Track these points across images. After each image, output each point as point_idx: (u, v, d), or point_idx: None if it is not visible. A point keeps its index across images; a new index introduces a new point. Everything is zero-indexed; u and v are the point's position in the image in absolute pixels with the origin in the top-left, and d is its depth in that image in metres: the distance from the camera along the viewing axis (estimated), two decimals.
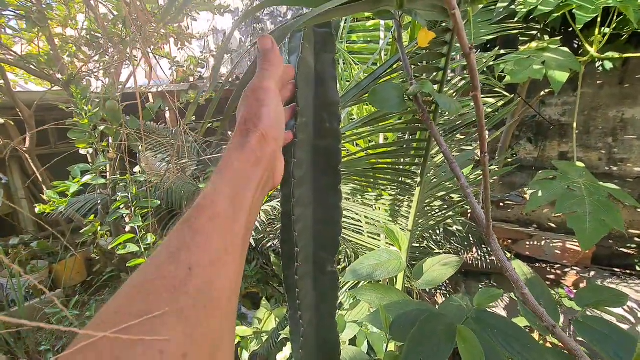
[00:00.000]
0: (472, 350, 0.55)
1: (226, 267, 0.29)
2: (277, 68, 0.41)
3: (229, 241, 0.30)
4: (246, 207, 0.33)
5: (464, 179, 0.40)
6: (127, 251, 1.29)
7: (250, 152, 0.35)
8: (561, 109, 2.13)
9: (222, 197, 0.31)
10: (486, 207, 0.35)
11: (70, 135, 1.68)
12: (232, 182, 0.33)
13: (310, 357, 0.64)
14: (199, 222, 0.29)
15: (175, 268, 0.26)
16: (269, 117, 0.37)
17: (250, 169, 0.35)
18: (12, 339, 1.94)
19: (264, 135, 0.37)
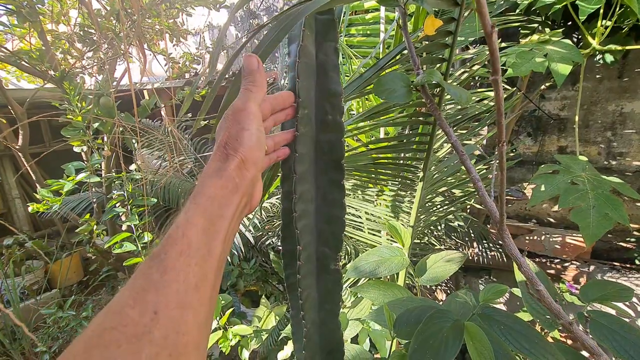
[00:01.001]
0: (481, 348, 0.54)
1: (195, 308, 0.28)
2: (261, 89, 0.40)
3: (200, 277, 0.28)
4: (220, 238, 0.32)
5: (474, 172, 0.39)
6: (124, 250, 1.27)
7: (228, 178, 0.34)
8: (560, 104, 2.12)
9: (195, 229, 0.30)
10: (500, 201, 0.33)
11: (64, 132, 1.64)
12: (207, 211, 0.32)
13: (313, 357, 0.62)
14: (169, 258, 0.28)
15: (139, 314, 0.24)
16: (249, 141, 0.36)
17: (227, 196, 0.33)
18: (8, 340, 1.91)
19: (244, 160, 0.35)
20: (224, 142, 0.36)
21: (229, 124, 0.37)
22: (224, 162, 0.35)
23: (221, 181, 0.33)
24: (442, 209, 1.13)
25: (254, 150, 0.37)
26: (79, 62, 2.32)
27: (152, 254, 0.28)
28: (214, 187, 0.33)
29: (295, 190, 0.50)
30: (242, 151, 0.35)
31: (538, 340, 0.63)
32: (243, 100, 0.38)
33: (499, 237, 0.37)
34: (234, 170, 0.34)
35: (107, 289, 2.65)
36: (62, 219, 2.64)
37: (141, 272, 0.27)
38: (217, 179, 0.34)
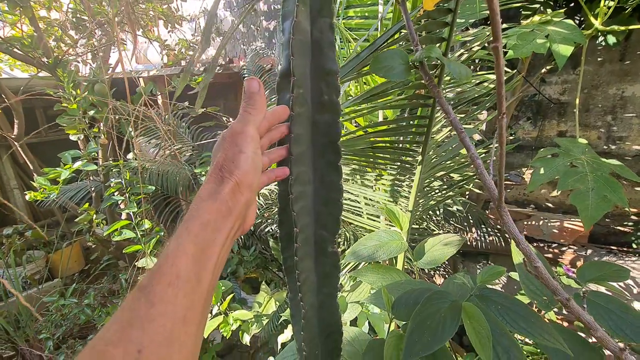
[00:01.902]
0: (478, 327, 0.54)
1: (182, 341, 0.27)
2: (260, 112, 0.41)
3: (188, 308, 0.28)
4: (211, 266, 0.32)
5: (473, 149, 0.38)
6: (123, 238, 1.27)
7: (222, 202, 0.34)
8: (561, 88, 2.10)
9: (185, 258, 0.29)
10: (500, 177, 0.32)
11: (59, 120, 1.63)
12: (199, 237, 0.31)
13: (312, 339, 0.63)
14: (157, 290, 0.27)
15: (123, 352, 0.24)
16: (245, 164, 0.36)
17: (220, 220, 0.33)
18: (12, 328, 1.94)
19: (239, 183, 0.35)
20: (220, 165, 0.36)
21: (227, 145, 0.37)
22: (218, 185, 0.35)
23: (215, 205, 0.33)
24: (440, 194, 1.13)
25: (249, 174, 0.37)
26: (73, 49, 2.28)
27: (140, 285, 0.27)
28: (207, 211, 0.33)
29: (291, 171, 0.49)
30: (237, 174, 0.35)
31: (535, 320, 0.64)
32: (242, 123, 0.39)
33: (498, 215, 0.37)
34: (228, 193, 0.34)
35: (108, 277, 2.67)
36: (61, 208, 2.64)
37: (128, 304, 0.26)
38: (211, 203, 0.33)
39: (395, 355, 0.61)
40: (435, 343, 0.55)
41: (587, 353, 0.71)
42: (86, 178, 2.10)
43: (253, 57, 2.95)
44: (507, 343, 0.59)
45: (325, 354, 0.66)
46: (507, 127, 1.44)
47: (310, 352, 0.63)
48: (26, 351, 1.88)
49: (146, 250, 1.32)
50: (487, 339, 0.54)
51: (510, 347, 0.59)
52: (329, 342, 0.65)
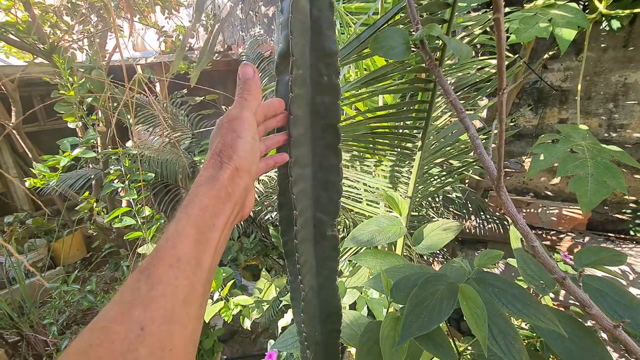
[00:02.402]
0: (474, 308, 0.55)
1: (183, 323, 0.27)
2: (255, 98, 0.41)
3: (188, 290, 0.28)
4: (211, 248, 0.32)
5: (473, 129, 0.38)
6: (124, 224, 1.27)
7: (221, 187, 0.34)
8: (563, 75, 2.08)
9: (186, 240, 0.30)
10: (499, 156, 0.32)
11: (57, 108, 1.61)
12: (198, 221, 0.31)
13: (311, 321, 0.64)
14: (157, 272, 0.27)
15: (126, 329, 0.24)
16: (243, 149, 0.36)
17: (219, 205, 0.33)
18: (16, 314, 1.96)
19: (237, 168, 0.35)
20: (218, 150, 0.36)
21: (224, 131, 0.37)
22: (217, 171, 0.35)
23: (214, 190, 0.33)
24: (439, 180, 1.13)
25: (247, 159, 0.37)
26: (69, 35, 2.25)
27: (141, 267, 0.28)
28: (207, 196, 0.33)
29: (290, 153, 0.49)
30: (236, 159, 0.35)
31: (531, 303, 0.65)
32: (238, 109, 0.39)
33: (497, 196, 0.37)
34: (227, 179, 0.34)
35: (110, 265, 2.70)
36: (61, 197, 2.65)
37: (129, 285, 0.26)
38: (210, 188, 0.33)
39: (392, 335, 0.62)
40: (432, 323, 0.56)
41: (582, 335, 0.72)
42: (85, 166, 2.10)
43: (252, 44, 2.90)
44: (503, 324, 0.61)
45: (324, 335, 0.67)
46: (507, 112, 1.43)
47: (309, 333, 0.64)
48: (31, 336, 1.92)
49: (147, 237, 1.33)
50: (483, 319, 0.55)
51: (506, 328, 0.60)
52: (328, 323, 0.66)
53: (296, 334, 0.83)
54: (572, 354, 0.71)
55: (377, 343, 0.67)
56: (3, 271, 2.35)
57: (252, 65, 0.42)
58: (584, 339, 0.73)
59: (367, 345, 0.67)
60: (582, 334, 0.73)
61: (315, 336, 0.66)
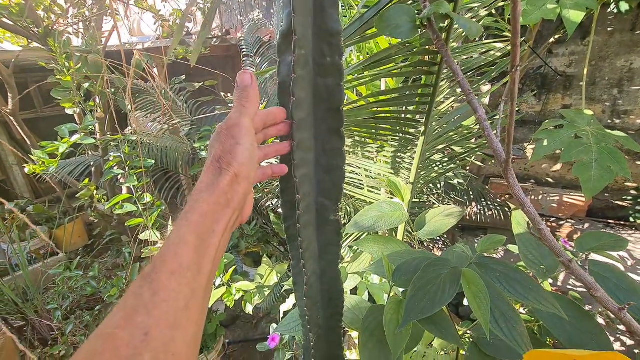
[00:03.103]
0: (477, 292, 0.55)
1: (185, 327, 0.29)
2: (254, 105, 0.41)
3: (190, 296, 0.29)
4: (211, 254, 0.33)
5: (482, 111, 0.37)
6: (125, 211, 1.27)
7: (221, 193, 0.35)
8: (568, 60, 2.04)
9: (187, 247, 0.31)
10: (508, 138, 0.32)
11: (54, 94, 1.59)
12: (199, 228, 0.33)
13: (314, 305, 0.64)
14: (160, 279, 0.28)
15: (130, 335, 0.25)
16: (242, 156, 0.37)
17: (219, 211, 0.35)
18: (20, 300, 1.99)
19: (236, 174, 0.36)
20: (217, 157, 0.37)
21: (223, 138, 0.38)
22: (217, 177, 0.35)
23: (213, 197, 0.34)
24: (442, 166, 1.12)
25: (246, 165, 0.38)
26: (63, 19, 2.19)
27: (144, 273, 0.29)
28: (206, 203, 0.34)
29: (293, 137, 0.48)
30: (235, 166, 0.36)
31: (533, 287, 0.65)
32: (237, 115, 0.40)
33: (504, 174, 0.36)
34: (227, 185, 0.35)
35: (112, 252, 2.71)
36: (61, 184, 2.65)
37: (133, 291, 0.28)
38: (210, 195, 0.34)
39: (395, 319, 0.62)
40: (435, 306, 0.56)
41: (582, 319, 0.73)
42: (85, 153, 2.09)
43: (250, 28, 2.85)
44: (505, 307, 0.61)
45: (326, 319, 0.67)
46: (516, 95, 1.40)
47: (312, 317, 0.65)
48: (36, 321, 1.95)
49: (148, 224, 1.33)
50: (485, 303, 0.55)
51: (507, 311, 0.60)
52: (331, 307, 0.66)
53: (299, 317, 0.84)
54: (572, 337, 0.72)
55: (379, 326, 0.68)
56: (6, 258, 2.37)
57: (250, 72, 0.42)
58: (583, 323, 0.74)
59: (369, 329, 0.67)
60: (582, 318, 0.74)
61: (318, 320, 0.66)
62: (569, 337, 0.72)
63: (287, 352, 1.03)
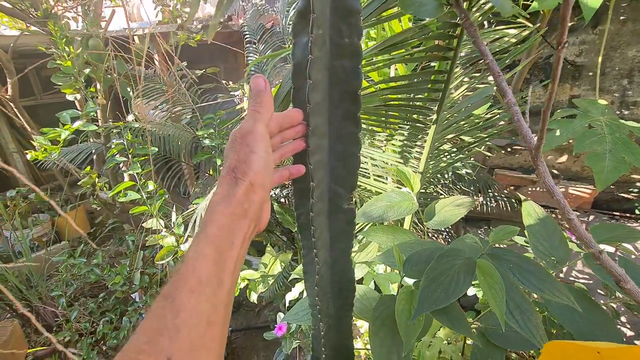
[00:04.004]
0: (492, 283, 0.54)
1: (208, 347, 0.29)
2: (268, 110, 0.41)
3: (211, 312, 0.29)
4: (230, 266, 0.33)
5: (511, 95, 0.35)
6: (128, 199, 1.26)
7: (237, 204, 0.35)
8: (578, 49, 2.00)
9: (205, 262, 0.31)
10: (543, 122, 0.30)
11: (54, 79, 1.56)
12: (217, 241, 0.32)
13: (325, 295, 0.63)
14: (181, 298, 0.28)
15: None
16: (257, 164, 0.37)
17: (236, 223, 0.34)
18: (24, 287, 1.99)
19: (252, 184, 0.36)
20: (232, 166, 0.36)
21: (238, 146, 0.38)
22: (232, 187, 0.35)
23: (230, 208, 0.34)
24: (451, 156, 1.10)
25: (262, 174, 0.37)
26: (62, 2, 2.14)
27: (164, 293, 0.29)
28: (223, 214, 0.34)
29: (308, 122, 0.46)
30: (250, 175, 0.36)
31: (546, 278, 0.64)
32: (251, 122, 0.39)
33: (534, 162, 0.34)
34: (243, 195, 0.35)
35: (114, 240, 2.72)
36: (62, 171, 2.63)
37: (154, 312, 0.28)
38: (226, 206, 0.34)
39: (407, 309, 0.62)
40: (448, 297, 0.55)
41: (592, 310, 0.72)
42: (86, 140, 2.06)
43: (253, 14, 2.78)
44: (519, 299, 0.60)
45: (337, 309, 0.67)
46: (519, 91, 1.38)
47: (322, 306, 0.64)
48: (40, 308, 1.96)
49: (152, 212, 1.32)
50: (501, 294, 0.54)
51: (522, 302, 0.60)
52: (342, 297, 0.66)
53: (307, 307, 0.83)
54: (582, 328, 0.71)
55: (389, 316, 0.67)
56: (9, 245, 2.37)
57: (263, 76, 0.42)
58: (593, 314, 0.73)
59: (380, 319, 0.67)
60: (592, 309, 0.74)
61: (328, 309, 0.66)
62: (579, 328, 0.71)
63: (295, 340, 1.03)
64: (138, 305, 1.76)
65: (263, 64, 2.47)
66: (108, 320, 1.80)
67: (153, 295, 1.71)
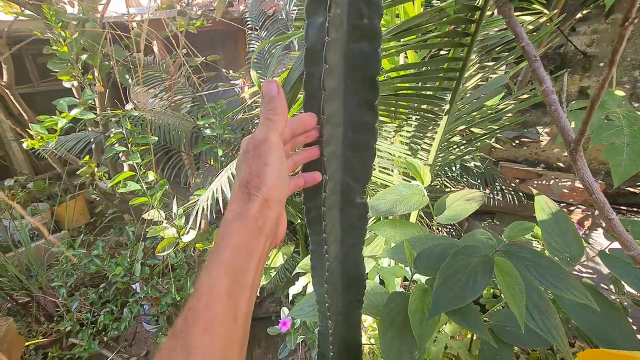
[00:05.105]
0: (511, 283, 0.52)
1: None
2: (282, 118, 0.38)
3: (225, 346, 0.27)
4: (246, 293, 0.31)
5: (548, 81, 0.32)
6: (128, 189, 1.23)
7: (252, 221, 0.32)
8: (589, 38, 1.94)
9: (219, 296, 0.28)
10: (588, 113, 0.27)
11: (50, 65, 1.51)
12: (231, 266, 0.30)
13: (335, 292, 0.61)
14: (193, 339, 0.26)
15: None
16: (272, 177, 0.34)
17: (251, 242, 0.32)
18: (24, 276, 1.98)
19: (267, 199, 0.34)
20: (245, 181, 0.34)
21: (250, 159, 0.35)
22: (246, 204, 0.33)
23: (244, 227, 0.32)
24: (460, 148, 1.07)
25: (276, 187, 0.35)
26: None
27: (175, 331, 0.27)
28: (237, 234, 0.32)
29: (323, 110, 0.43)
30: (264, 190, 0.34)
31: (563, 276, 0.62)
32: (264, 132, 0.36)
33: (571, 157, 0.31)
34: (257, 212, 0.33)
35: (114, 230, 2.70)
36: (61, 160, 2.59)
37: (165, 353, 0.26)
38: (240, 225, 0.32)
39: (420, 308, 0.59)
40: (465, 297, 0.53)
41: (606, 307, 0.70)
42: (85, 128, 2.02)
43: (255, 0, 2.71)
44: (537, 298, 0.58)
45: (346, 305, 0.64)
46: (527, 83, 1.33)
47: (332, 303, 0.62)
48: (40, 298, 1.95)
49: (153, 203, 1.29)
50: (520, 295, 0.52)
51: (540, 302, 0.57)
52: (351, 293, 0.63)
53: (314, 303, 0.81)
54: (595, 325, 0.69)
55: (400, 314, 0.65)
56: (7, 234, 2.35)
57: (275, 81, 0.39)
58: (606, 311, 0.71)
59: (390, 316, 0.65)
60: (605, 306, 0.72)
61: (337, 306, 0.63)
62: (592, 325, 0.70)
63: (299, 336, 1.02)
64: (139, 296, 1.74)
65: (265, 51, 2.41)
66: (109, 311, 1.79)
67: (154, 287, 1.69)
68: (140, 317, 1.95)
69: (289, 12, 2.30)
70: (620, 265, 0.75)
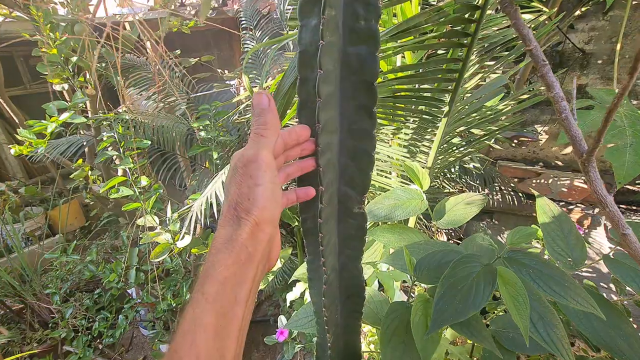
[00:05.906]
0: (515, 294, 0.50)
1: None
2: (273, 132, 0.35)
3: None
4: (234, 331, 0.28)
5: (558, 87, 0.30)
6: (121, 195, 1.20)
7: (241, 249, 0.30)
8: (587, 36, 1.93)
9: (204, 335, 0.26)
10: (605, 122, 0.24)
11: (40, 68, 1.48)
12: (217, 302, 0.27)
13: (332, 304, 0.59)
14: None
15: None
16: (263, 198, 0.32)
17: (240, 272, 0.30)
18: (17, 283, 1.94)
19: (258, 222, 0.31)
20: (234, 202, 0.32)
21: (240, 178, 0.33)
22: (235, 229, 0.31)
23: (232, 256, 0.30)
24: (459, 150, 1.05)
25: (269, 208, 0.32)
26: None
27: None
28: (225, 266, 0.29)
29: (318, 118, 0.40)
30: (255, 212, 0.31)
31: (569, 284, 0.60)
32: (254, 149, 0.34)
33: (584, 169, 0.29)
34: (247, 238, 0.31)
35: (109, 233, 2.66)
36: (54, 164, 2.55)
37: None
38: (228, 254, 0.30)
39: (423, 321, 0.57)
40: (468, 309, 0.51)
41: (610, 313, 0.69)
42: (76, 132, 1.98)
43: None
44: (542, 309, 0.56)
45: (345, 317, 0.62)
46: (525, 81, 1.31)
47: (330, 316, 0.60)
48: (34, 304, 1.91)
49: (145, 208, 1.26)
50: (525, 306, 0.50)
51: (545, 313, 0.55)
52: (350, 304, 0.61)
53: (311, 314, 0.79)
54: (599, 331, 0.68)
55: (401, 325, 0.63)
56: (0, 240, 2.31)
57: (266, 92, 0.36)
58: (610, 317, 0.70)
59: (391, 327, 0.62)
60: (609, 311, 0.70)
61: (336, 318, 0.61)
62: (596, 332, 0.68)
63: (297, 345, 0.99)
64: (135, 301, 1.72)
65: (260, 51, 2.38)
66: (104, 317, 1.76)
67: (149, 292, 1.66)
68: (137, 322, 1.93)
69: (284, 11, 2.27)
70: (626, 271, 0.73)
